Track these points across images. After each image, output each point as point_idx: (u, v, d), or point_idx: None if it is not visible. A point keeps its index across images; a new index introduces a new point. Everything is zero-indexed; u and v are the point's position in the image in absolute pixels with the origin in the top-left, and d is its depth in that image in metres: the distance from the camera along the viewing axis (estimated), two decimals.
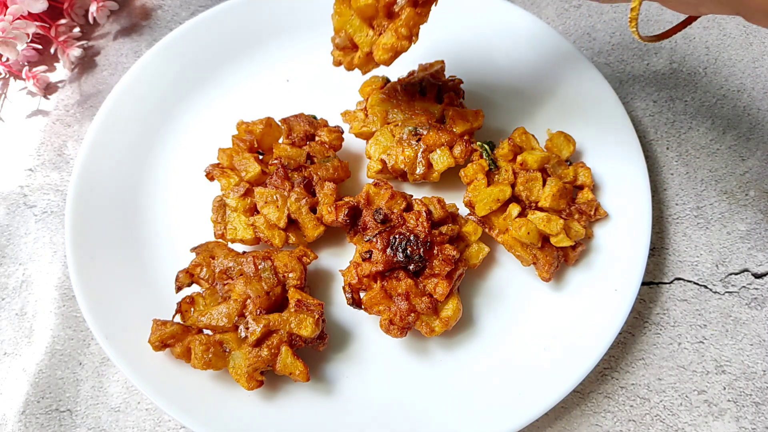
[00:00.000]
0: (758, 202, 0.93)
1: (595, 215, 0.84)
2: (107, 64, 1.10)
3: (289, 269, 0.77)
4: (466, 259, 0.79)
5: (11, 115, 1.06)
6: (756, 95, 1.02)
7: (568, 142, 0.88)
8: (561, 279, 0.83)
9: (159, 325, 0.74)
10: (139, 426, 0.80)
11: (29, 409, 0.82)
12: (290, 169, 0.84)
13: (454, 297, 0.76)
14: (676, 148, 0.98)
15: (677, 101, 1.02)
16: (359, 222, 0.79)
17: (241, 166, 0.84)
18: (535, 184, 0.81)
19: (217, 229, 0.84)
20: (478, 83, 0.99)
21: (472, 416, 0.74)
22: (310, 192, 0.83)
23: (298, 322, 0.73)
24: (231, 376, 0.74)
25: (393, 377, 0.78)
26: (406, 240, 0.75)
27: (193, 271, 0.78)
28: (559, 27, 1.10)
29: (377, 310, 0.75)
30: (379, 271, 0.75)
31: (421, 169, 0.83)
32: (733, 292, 0.86)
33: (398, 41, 0.70)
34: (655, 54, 1.07)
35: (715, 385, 0.80)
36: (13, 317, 0.88)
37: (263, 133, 0.86)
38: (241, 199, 0.83)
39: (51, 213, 0.96)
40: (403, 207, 0.79)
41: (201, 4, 1.16)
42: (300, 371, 0.72)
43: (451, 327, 0.76)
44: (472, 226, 0.81)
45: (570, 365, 0.76)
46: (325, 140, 0.86)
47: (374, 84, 0.92)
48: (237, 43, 1.02)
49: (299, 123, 0.87)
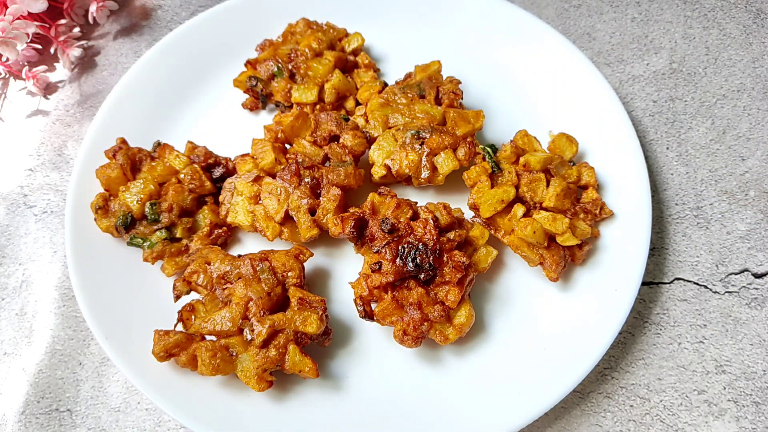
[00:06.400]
0: (758, 202, 0.93)
1: (600, 214, 0.84)
2: (107, 64, 1.10)
3: (288, 268, 0.77)
4: (475, 263, 0.79)
5: (11, 115, 1.06)
6: (756, 95, 1.02)
7: (571, 143, 0.87)
8: (567, 279, 0.83)
9: (162, 335, 0.74)
10: (139, 426, 0.80)
11: (29, 409, 0.82)
12: (303, 166, 0.83)
13: (466, 303, 0.76)
14: (676, 148, 0.98)
15: (677, 101, 1.02)
16: (366, 233, 0.78)
17: (259, 154, 0.85)
18: (539, 185, 0.81)
19: (222, 210, 0.85)
20: (478, 84, 0.99)
21: (472, 416, 0.74)
22: (315, 193, 0.83)
23: (303, 319, 0.73)
24: (231, 377, 0.75)
25: (395, 372, 0.79)
26: (415, 249, 0.74)
27: (189, 279, 0.78)
28: (559, 27, 1.10)
29: (390, 321, 0.74)
30: (390, 282, 0.74)
31: (426, 173, 0.83)
32: (733, 292, 0.86)
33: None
34: (655, 54, 1.07)
35: (715, 385, 0.80)
36: (13, 317, 0.88)
37: (291, 126, 0.86)
38: (249, 185, 0.83)
39: (51, 213, 0.96)
40: (409, 215, 0.78)
41: (201, 4, 1.16)
42: (309, 368, 0.72)
43: (464, 334, 0.76)
44: (479, 229, 0.81)
45: (570, 365, 0.76)
46: (347, 144, 0.85)
47: (372, 88, 0.91)
48: (237, 43, 1.02)
49: (327, 122, 0.87)
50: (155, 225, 0.83)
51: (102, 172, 0.84)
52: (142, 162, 0.87)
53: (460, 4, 1.03)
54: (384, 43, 1.04)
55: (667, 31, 1.10)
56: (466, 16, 1.03)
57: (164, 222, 0.83)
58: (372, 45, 1.04)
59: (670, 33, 1.09)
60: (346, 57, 0.98)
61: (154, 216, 0.83)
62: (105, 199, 0.84)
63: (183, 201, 0.84)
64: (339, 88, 0.93)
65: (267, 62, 0.94)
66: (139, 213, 0.83)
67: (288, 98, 0.93)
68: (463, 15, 1.03)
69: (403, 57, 1.02)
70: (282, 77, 0.93)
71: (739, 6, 1.12)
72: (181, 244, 0.84)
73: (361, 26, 1.02)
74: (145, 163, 0.86)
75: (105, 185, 0.85)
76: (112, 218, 0.83)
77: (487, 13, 1.02)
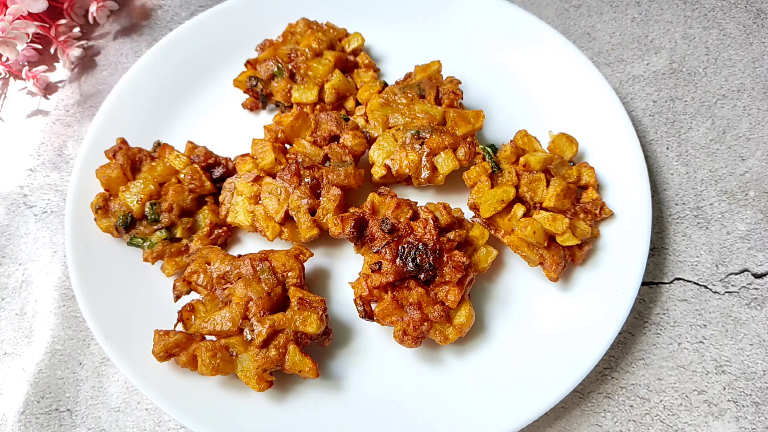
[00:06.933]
0: (758, 202, 0.93)
1: (600, 214, 0.84)
2: (107, 64, 1.10)
3: (288, 268, 0.77)
4: (475, 263, 0.79)
5: (11, 115, 1.06)
6: (756, 95, 1.02)
7: (571, 143, 0.87)
8: (567, 279, 0.83)
9: (162, 336, 0.74)
10: (139, 426, 0.80)
11: (29, 409, 0.82)
12: (304, 166, 0.83)
13: (466, 303, 0.76)
14: (676, 148, 0.98)
15: (677, 101, 1.02)
16: (366, 233, 0.78)
17: (259, 154, 0.85)
18: (539, 185, 0.81)
19: (222, 210, 0.85)
20: (478, 84, 0.99)
21: (472, 416, 0.74)
22: (315, 193, 0.83)
23: (303, 319, 0.73)
24: (231, 377, 0.75)
25: (395, 372, 0.79)
26: (415, 249, 0.75)
27: (189, 279, 0.78)
28: (559, 27, 1.10)
29: (390, 321, 0.74)
30: (390, 282, 0.74)
31: (426, 173, 0.83)
32: (733, 292, 0.86)
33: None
34: (655, 54, 1.07)
35: (715, 385, 0.80)
36: (13, 317, 0.88)
37: (291, 126, 0.86)
38: (249, 185, 0.83)
39: (51, 213, 0.96)
40: (409, 215, 0.78)
41: (201, 4, 1.16)
42: (309, 368, 0.72)
43: (464, 334, 0.76)
44: (479, 229, 0.81)
45: (570, 365, 0.76)
46: (347, 144, 0.85)
47: (372, 88, 0.91)
48: (237, 43, 1.02)
49: (327, 122, 0.87)
50: (155, 225, 0.83)
51: (102, 172, 0.84)
52: (142, 162, 0.87)
53: (460, 4, 1.03)
54: (384, 43, 1.04)
55: (667, 31, 1.10)
56: (466, 16, 1.03)
57: (164, 222, 0.83)
58: (372, 45, 1.04)
59: (670, 33, 1.09)
60: (346, 57, 0.98)
61: (154, 216, 0.83)
62: (105, 199, 0.84)
63: (183, 201, 0.84)
64: (339, 88, 0.93)
65: (267, 62, 0.94)
66: (139, 213, 0.83)
67: (288, 98, 0.93)
68: (463, 15, 1.03)
69: (403, 57, 1.02)
70: (282, 77, 0.93)
71: (739, 6, 1.12)
72: (181, 244, 0.84)
73: (361, 26, 1.02)
74: (145, 163, 0.86)
75: (105, 185, 0.85)
76: (112, 218, 0.83)
77: (487, 13, 1.02)
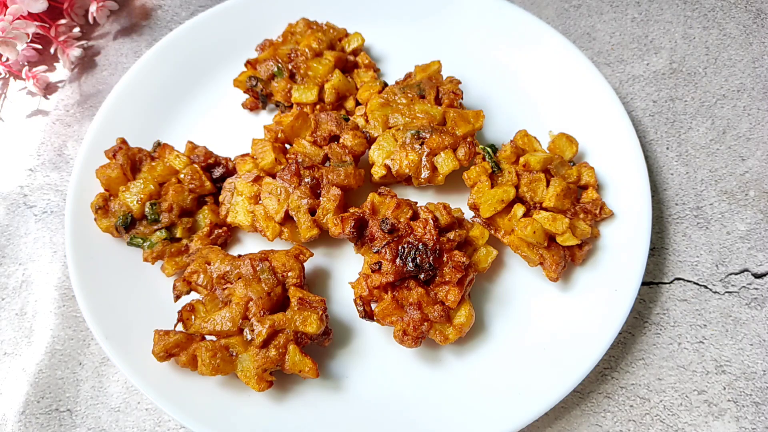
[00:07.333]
0: (758, 202, 0.93)
1: (600, 214, 0.84)
2: (107, 64, 1.10)
3: (288, 268, 0.77)
4: (475, 263, 0.79)
5: (11, 115, 1.06)
6: (756, 95, 1.02)
7: (571, 143, 0.87)
8: (567, 279, 0.83)
9: (162, 335, 0.74)
10: (139, 426, 0.80)
11: (29, 409, 0.82)
12: (303, 166, 0.83)
13: (466, 303, 0.76)
14: (676, 148, 0.98)
15: (677, 101, 1.02)
16: (366, 233, 0.78)
17: (259, 154, 0.85)
18: (539, 185, 0.81)
19: (222, 210, 0.85)
20: (478, 84, 0.99)
21: (472, 415, 0.74)
22: (315, 193, 0.83)
23: (303, 319, 0.73)
24: (231, 377, 0.75)
25: (395, 372, 0.79)
26: (415, 249, 0.75)
27: (189, 279, 0.78)
28: (559, 27, 1.10)
29: (390, 321, 0.74)
30: (390, 282, 0.74)
31: (426, 173, 0.83)
32: (733, 292, 0.86)
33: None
34: (655, 54, 1.07)
35: (715, 385, 0.80)
36: (13, 317, 0.88)
37: (291, 126, 0.86)
38: (249, 185, 0.83)
39: (51, 213, 0.96)
40: (409, 215, 0.78)
41: (201, 4, 1.16)
42: (309, 368, 0.72)
43: (464, 334, 0.76)
44: (479, 229, 0.81)
45: (570, 365, 0.76)
46: (347, 144, 0.85)
47: (372, 88, 0.91)
48: (237, 43, 1.02)
49: (327, 122, 0.86)
50: (155, 225, 0.83)
51: (102, 172, 0.84)
52: (142, 162, 0.87)
53: (460, 4, 1.03)
54: (384, 43, 1.04)
55: (667, 31, 1.10)
56: (466, 16, 1.03)
57: (164, 222, 0.83)
58: (372, 45, 1.04)
59: (670, 33, 1.09)
60: (346, 57, 0.98)
61: (154, 216, 0.83)
62: (105, 199, 0.84)
63: (183, 201, 0.84)
64: (339, 88, 0.93)
65: (267, 62, 0.94)
66: (139, 213, 0.83)
67: (288, 98, 0.93)
68: (463, 15, 1.03)
69: (403, 57, 1.02)
70: (282, 77, 0.93)
71: (739, 6, 1.12)
72: (181, 244, 0.84)
73: (361, 26, 1.02)
74: (145, 163, 0.86)
75: (105, 185, 0.85)
76: (112, 218, 0.83)
77: (487, 13, 1.02)
